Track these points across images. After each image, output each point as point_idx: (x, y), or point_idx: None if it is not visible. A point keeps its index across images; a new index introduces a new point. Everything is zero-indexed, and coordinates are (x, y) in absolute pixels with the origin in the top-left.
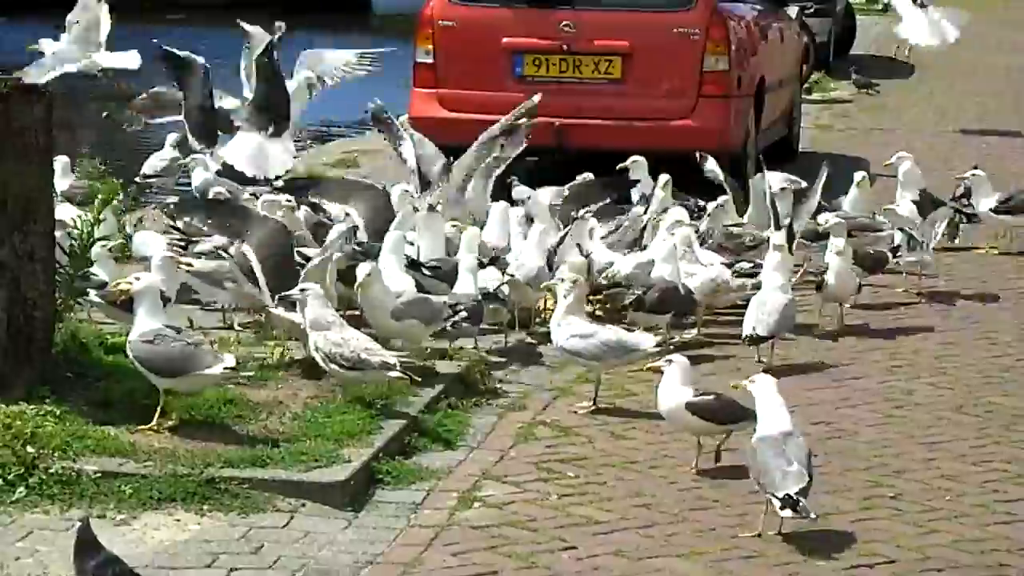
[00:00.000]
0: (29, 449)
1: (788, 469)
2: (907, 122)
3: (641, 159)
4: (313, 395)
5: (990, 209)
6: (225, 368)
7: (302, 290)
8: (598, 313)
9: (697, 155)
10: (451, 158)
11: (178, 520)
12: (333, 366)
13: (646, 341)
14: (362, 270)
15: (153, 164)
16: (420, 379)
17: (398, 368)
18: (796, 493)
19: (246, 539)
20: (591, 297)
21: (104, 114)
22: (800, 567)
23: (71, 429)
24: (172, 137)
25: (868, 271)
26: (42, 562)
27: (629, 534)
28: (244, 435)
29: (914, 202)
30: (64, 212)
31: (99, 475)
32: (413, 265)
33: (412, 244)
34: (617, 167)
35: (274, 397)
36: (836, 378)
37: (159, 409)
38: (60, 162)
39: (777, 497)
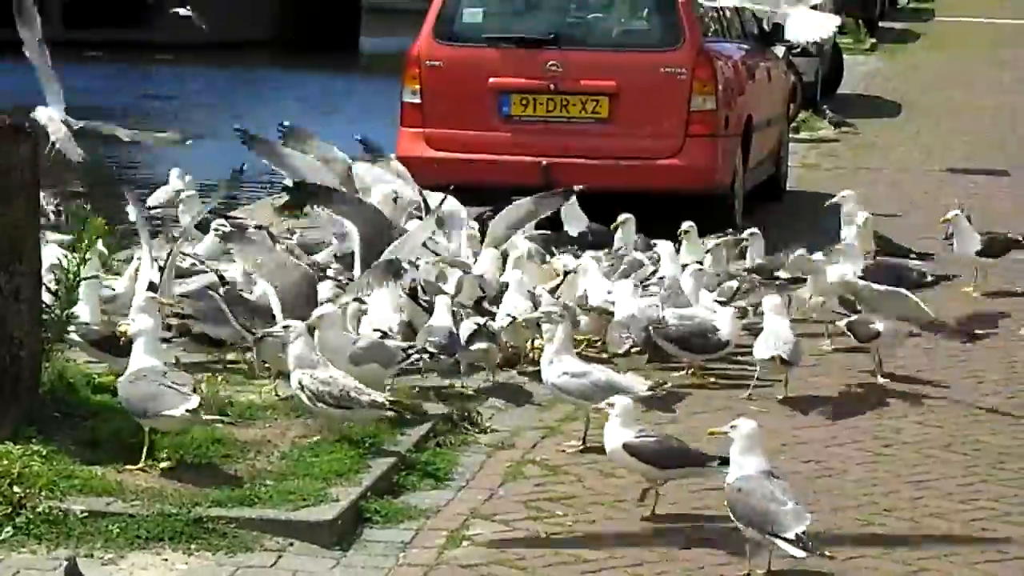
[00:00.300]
0: (16, 489)
1: (786, 508)
2: (894, 161)
3: (631, 217)
4: (301, 434)
5: (975, 252)
6: (186, 410)
7: (285, 327)
8: (587, 352)
9: None
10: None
11: (166, 560)
12: (320, 405)
13: (638, 385)
14: (317, 311)
15: (158, 197)
16: (411, 414)
17: (388, 406)
18: (803, 532)
19: None
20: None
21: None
22: None
23: (58, 468)
24: (177, 171)
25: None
26: None
27: (618, 573)
28: (232, 474)
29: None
30: (51, 252)
31: (86, 515)
32: (412, 295)
33: None
34: (612, 227)
35: (262, 436)
36: (826, 416)
37: (145, 449)
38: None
39: (787, 539)
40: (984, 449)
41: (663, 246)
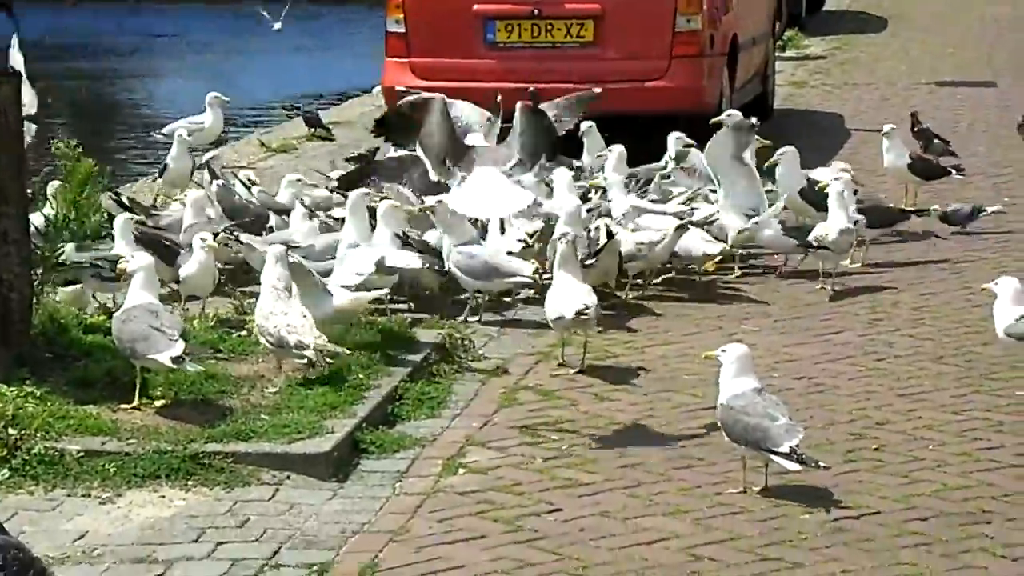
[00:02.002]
0: (11, 431)
1: (779, 424)
2: (881, 76)
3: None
4: (295, 368)
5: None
6: (170, 358)
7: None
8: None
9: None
10: None
11: (163, 496)
12: (262, 339)
13: (525, 268)
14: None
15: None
16: (330, 363)
17: (311, 350)
18: (797, 445)
19: (232, 513)
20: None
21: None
22: (785, 521)
23: (52, 409)
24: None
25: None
26: (29, 543)
27: (615, 495)
28: (227, 410)
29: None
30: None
31: (82, 454)
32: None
33: None
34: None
35: (255, 371)
36: (816, 333)
37: (138, 387)
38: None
39: (780, 453)
40: (976, 360)
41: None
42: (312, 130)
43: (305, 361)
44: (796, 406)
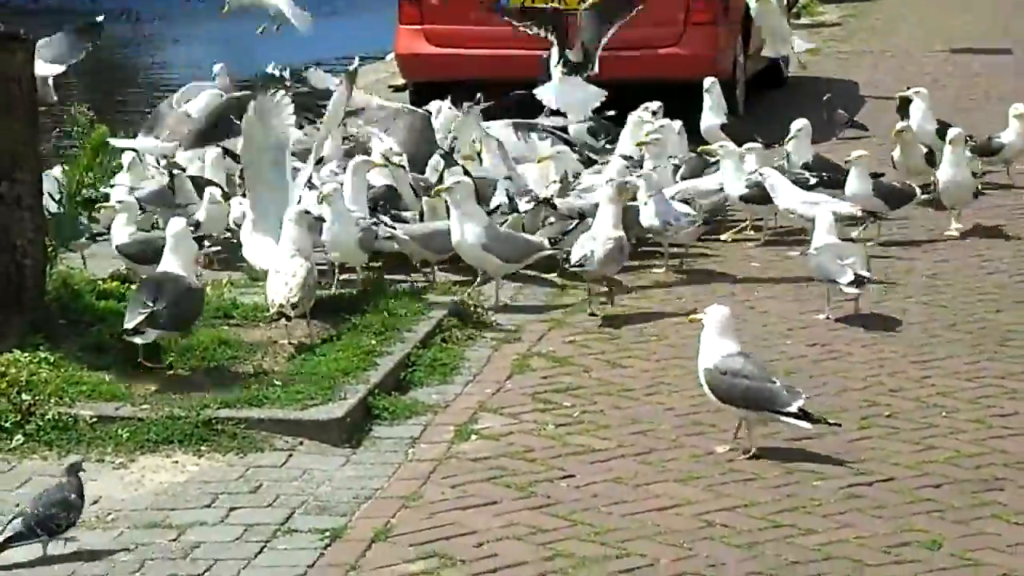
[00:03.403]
0: (24, 397)
1: (778, 386)
2: (897, 44)
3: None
4: (307, 334)
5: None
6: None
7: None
8: None
9: None
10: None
11: (176, 462)
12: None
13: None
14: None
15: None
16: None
17: (272, 310)
18: (803, 406)
19: (244, 479)
20: None
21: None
22: (798, 488)
23: (66, 375)
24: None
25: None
26: None
27: (627, 461)
28: (240, 375)
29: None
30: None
31: (95, 420)
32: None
33: None
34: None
35: (268, 337)
36: (831, 300)
37: (140, 350)
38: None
39: (791, 413)
40: (989, 327)
41: None
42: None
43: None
44: (810, 373)
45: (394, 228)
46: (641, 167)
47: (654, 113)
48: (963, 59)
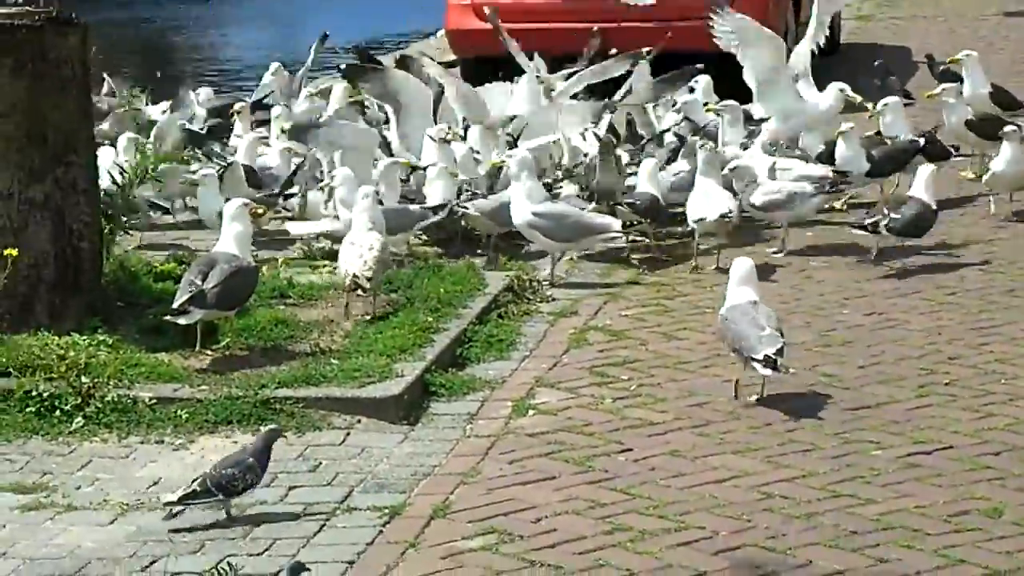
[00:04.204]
0: (84, 379)
1: (763, 333)
2: (949, 7)
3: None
4: (363, 312)
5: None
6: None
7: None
8: None
9: None
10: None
11: (235, 442)
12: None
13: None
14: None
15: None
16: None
17: (347, 280)
18: (773, 353)
19: (303, 457)
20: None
21: None
22: (857, 457)
23: (124, 357)
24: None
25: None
26: (103, 489)
27: (684, 434)
28: (297, 355)
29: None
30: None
31: (154, 401)
32: None
33: None
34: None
35: (324, 316)
36: (887, 269)
37: (199, 335)
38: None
39: (756, 359)
40: None
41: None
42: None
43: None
44: (867, 342)
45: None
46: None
47: (691, 90)
48: (1017, 22)
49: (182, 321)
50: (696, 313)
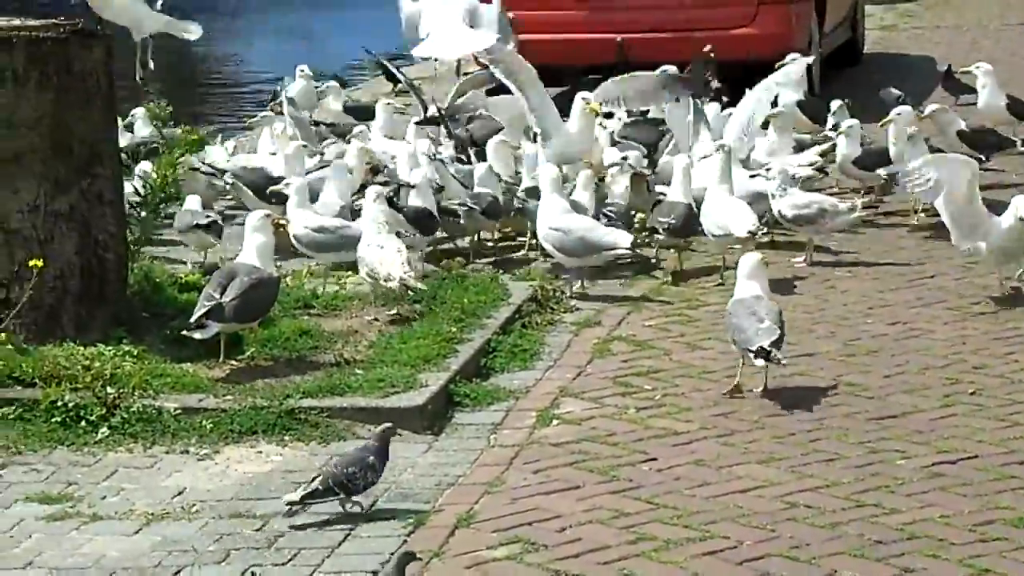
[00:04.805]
0: (109, 389)
1: (760, 326)
2: (972, 18)
3: None
4: (387, 322)
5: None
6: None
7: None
8: None
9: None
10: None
11: (260, 452)
12: (361, 269)
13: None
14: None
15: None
16: (411, 294)
17: (396, 282)
18: (769, 345)
19: None
20: None
21: None
22: (881, 467)
23: (149, 368)
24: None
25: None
26: (128, 499)
27: (709, 443)
28: (321, 365)
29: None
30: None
31: (180, 411)
32: None
33: None
34: None
35: (348, 326)
36: (910, 278)
37: (222, 347)
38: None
39: (751, 350)
40: None
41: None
42: (395, 86)
43: (393, 289)
44: (891, 352)
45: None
46: None
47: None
48: None
49: (198, 336)
50: (720, 323)
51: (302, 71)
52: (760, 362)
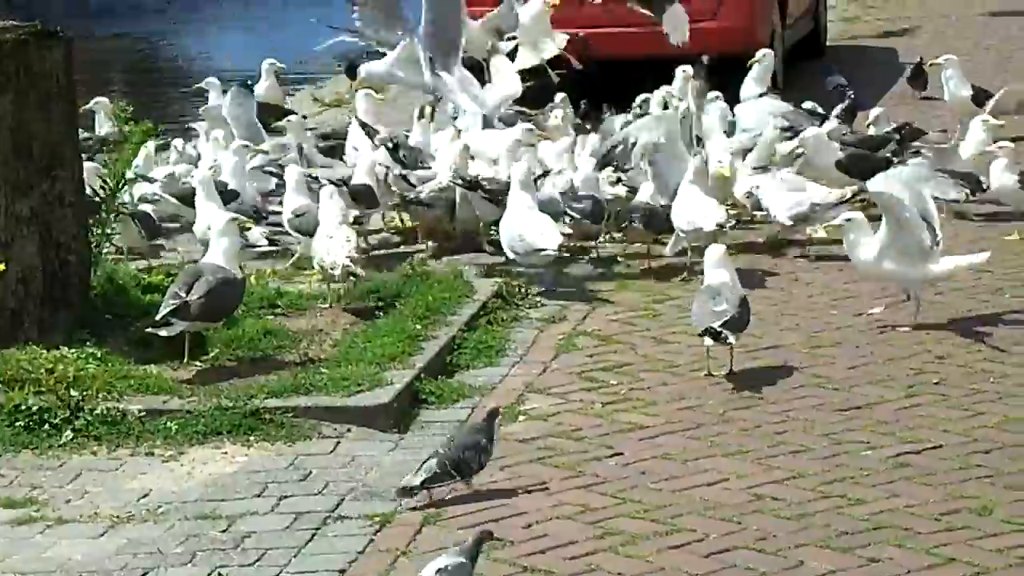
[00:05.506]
0: (73, 392)
1: (716, 308)
2: (933, 8)
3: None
4: (352, 321)
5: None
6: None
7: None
8: None
9: None
10: None
11: (225, 453)
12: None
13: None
14: None
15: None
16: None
17: (340, 269)
18: (720, 326)
19: (294, 467)
20: None
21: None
22: (847, 458)
23: (113, 370)
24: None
25: None
26: (93, 502)
27: (675, 437)
28: (286, 364)
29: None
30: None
31: (144, 413)
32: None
33: None
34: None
35: (313, 325)
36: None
37: (186, 348)
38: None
39: (700, 331)
40: None
41: None
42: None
43: (337, 276)
44: (856, 343)
45: None
46: None
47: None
48: (1002, 22)
49: (163, 333)
50: (685, 316)
51: (271, 64)
52: (709, 341)
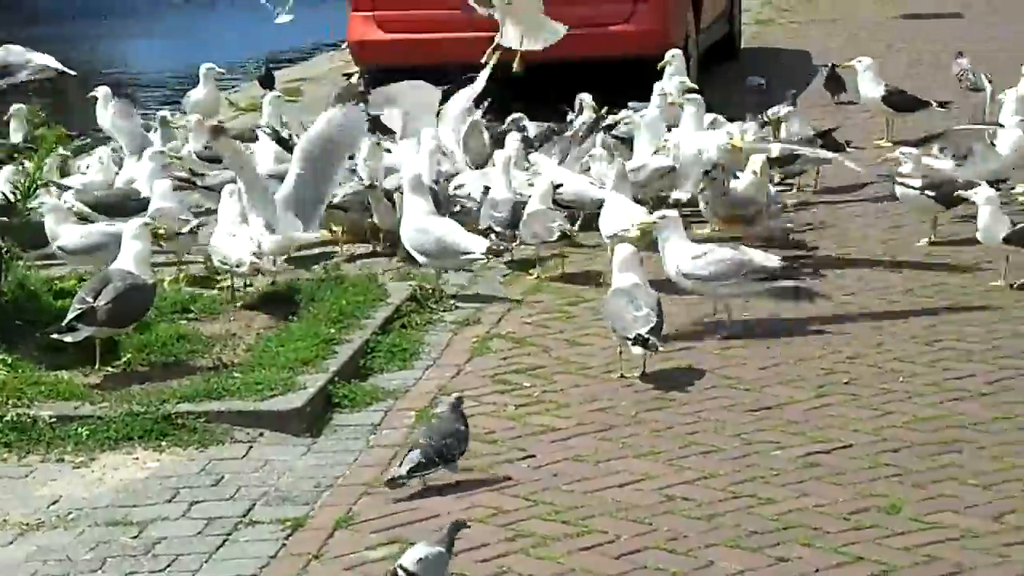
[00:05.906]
0: None
1: (638, 314)
2: (848, 11)
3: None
4: (266, 326)
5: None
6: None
7: None
8: None
9: None
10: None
11: (136, 458)
12: (215, 260)
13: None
14: None
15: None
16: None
17: (247, 266)
18: (647, 332)
19: (206, 472)
20: None
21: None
22: (757, 458)
23: (24, 376)
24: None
25: None
26: (2, 509)
27: (587, 439)
28: (198, 369)
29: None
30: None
31: (55, 419)
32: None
33: None
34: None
35: (226, 330)
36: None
37: (98, 354)
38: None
39: (629, 338)
40: (945, 291)
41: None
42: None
43: (243, 272)
44: (766, 344)
45: None
46: None
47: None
48: (914, 24)
49: (68, 339)
50: (599, 319)
51: (209, 69)
52: (638, 350)
